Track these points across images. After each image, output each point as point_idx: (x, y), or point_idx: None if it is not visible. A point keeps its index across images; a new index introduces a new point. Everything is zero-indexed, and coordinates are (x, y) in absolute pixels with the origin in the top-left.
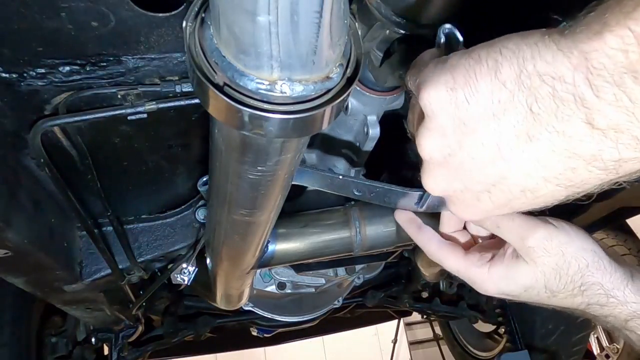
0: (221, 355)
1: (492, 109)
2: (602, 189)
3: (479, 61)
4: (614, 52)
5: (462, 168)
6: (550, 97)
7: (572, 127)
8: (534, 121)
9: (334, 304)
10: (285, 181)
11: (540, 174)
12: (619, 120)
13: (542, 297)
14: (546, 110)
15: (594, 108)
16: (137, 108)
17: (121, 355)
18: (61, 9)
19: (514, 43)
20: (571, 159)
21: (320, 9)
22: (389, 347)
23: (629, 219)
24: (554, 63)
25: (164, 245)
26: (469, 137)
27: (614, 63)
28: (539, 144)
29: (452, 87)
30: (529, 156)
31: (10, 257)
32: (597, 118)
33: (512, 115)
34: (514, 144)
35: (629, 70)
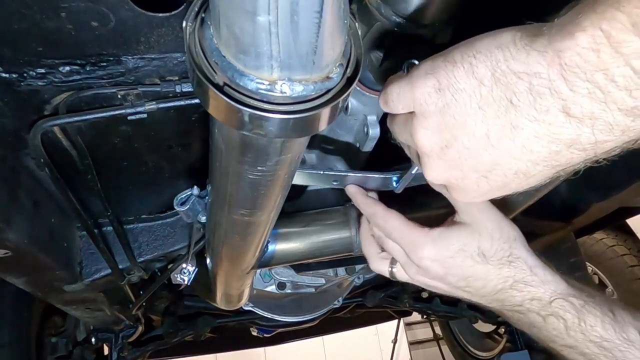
0: (221, 355)
1: (476, 103)
2: (586, 166)
3: (456, 64)
4: (586, 51)
5: (460, 158)
6: (527, 91)
7: (551, 116)
8: (516, 112)
9: (334, 304)
10: (285, 181)
11: (528, 157)
12: (593, 109)
13: (474, 267)
14: (525, 103)
15: (569, 99)
16: (137, 108)
17: (121, 355)
18: (61, 9)
19: (485, 47)
20: (553, 144)
21: (320, 9)
22: (389, 347)
23: (629, 219)
24: (529, 61)
25: (164, 245)
26: (461, 129)
27: (585, 61)
28: (523, 132)
29: (439, 88)
30: (515, 143)
31: (10, 257)
32: (572, 108)
33: (494, 107)
34: (501, 133)
35: (599, 69)
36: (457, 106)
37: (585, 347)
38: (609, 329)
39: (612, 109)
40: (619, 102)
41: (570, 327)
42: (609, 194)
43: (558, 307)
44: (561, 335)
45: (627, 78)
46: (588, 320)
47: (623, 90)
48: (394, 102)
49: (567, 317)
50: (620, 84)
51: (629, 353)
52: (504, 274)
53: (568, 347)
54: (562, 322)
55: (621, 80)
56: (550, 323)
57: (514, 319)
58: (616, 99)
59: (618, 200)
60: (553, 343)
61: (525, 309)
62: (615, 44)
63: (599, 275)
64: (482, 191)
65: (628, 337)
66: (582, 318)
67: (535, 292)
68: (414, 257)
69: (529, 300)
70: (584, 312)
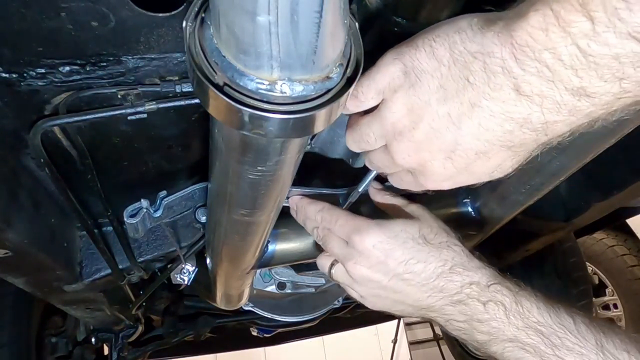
0: (221, 355)
1: (438, 82)
2: (542, 150)
3: (418, 48)
4: (535, 30)
5: (426, 138)
6: (482, 70)
7: (504, 94)
8: (473, 90)
9: (334, 304)
10: (285, 181)
11: (485, 136)
12: (542, 87)
13: (415, 247)
14: (480, 81)
15: (519, 78)
16: (137, 108)
17: (121, 355)
18: (61, 9)
19: (443, 31)
20: (507, 122)
21: (320, 9)
22: (389, 347)
23: (629, 219)
24: (484, 42)
25: (164, 245)
26: (425, 108)
27: (535, 40)
28: (480, 110)
29: (405, 71)
30: (473, 121)
31: (10, 257)
32: (523, 86)
33: (454, 85)
34: (460, 111)
35: (547, 47)
36: (422, 86)
37: (525, 335)
38: (545, 314)
39: (560, 88)
40: (565, 81)
41: (509, 312)
42: (609, 194)
43: (496, 292)
44: (502, 327)
45: (573, 57)
46: (525, 305)
47: (569, 69)
48: (363, 93)
49: (506, 301)
50: (567, 62)
51: (566, 340)
52: (443, 256)
53: (510, 341)
54: (502, 307)
55: (567, 59)
56: (491, 311)
57: (455, 318)
58: (563, 78)
59: (618, 200)
60: (495, 344)
61: (465, 296)
62: (564, 24)
63: (599, 275)
64: (448, 173)
65: (562, 322)
66: (519, 302)
67: (473, 276)
68: (357, 242)
69: (468, 284)
70: (519, 297)
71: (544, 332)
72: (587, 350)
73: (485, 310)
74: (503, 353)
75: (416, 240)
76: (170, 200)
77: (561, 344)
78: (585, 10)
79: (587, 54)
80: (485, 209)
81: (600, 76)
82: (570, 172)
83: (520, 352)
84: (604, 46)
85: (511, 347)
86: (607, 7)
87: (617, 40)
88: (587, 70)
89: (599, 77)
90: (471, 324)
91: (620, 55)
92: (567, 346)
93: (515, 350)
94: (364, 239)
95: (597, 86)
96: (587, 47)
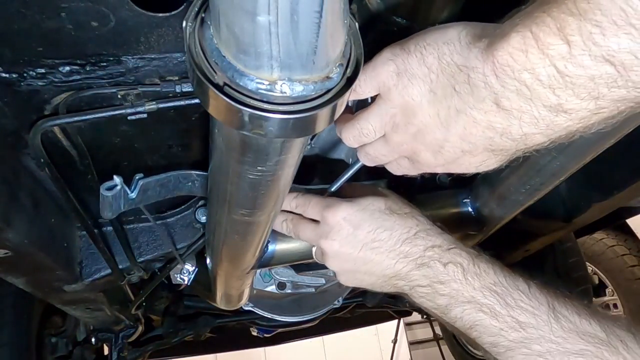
0: (221, 355)
1: (428, 86)
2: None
3: (410, 53)
4: (516, 51)
5: (419, 132)
6: (466, 82)
7: (486, 106)
8: (459, 98)
9: (334, 304)
10: (285, 181)
11: (469, 139)
12: (520, 103)
13: (382, 217)
14: (465, 91)
15: (500, 93)
16: (137, 108)
17: (121, 355)
18: (61, 9)
19: (434, 40)
20: (488, 130)
21: (320, 9)
22: (389, 347)
23: (629, 219)
24: (469, 57)
25: (164, 245)
26: (418, 108)
27: (515, 60)
28: (465, 116)
29: (397, 73)
30: (459, 125)
31: (10, 257)
32: (502, 101)
33: (442, 91)
34: (448, 114)
35: (527, 68)
36: (414, 88)
37: (482, 295)
38: (500, 276)
39: (537, 105)
40: (543, 99)
41: (467, 272)
42: (609, 193)
43: (455, 254)
44: (461, 288)
45: (551, 77)
46: (482, 267)
47: (547, 88)
48: (361, 87)
49: (464, 262)
50: (545, 82)
51: (520, 301)
52: (408, 224)
53: (468, 302)
54: (460, 268)
55: (545, 79)
56: (450, 272)
57: (420, 283)
58: (541, 96)
59: (618, 200)
60: (455, 306)
61: (427, 259)
62: (542, 46)
63: (599, 275)
64: (439, 162)
65: (518, 285)
66: (476, 264)
67: (435, 240)
68: (328, 218)
69: (431, 247)
70: (477, 260)
71: (499, 293)
72: (539, 312)
73: (446, 271)
74: (462, 317)
75: (383, 211)
76: (145, 182)
77: (515, 304)
78: (562, 34)
79: (564, 75)
80: (485, 209)
81: (577, 94)
82: (570, 172)
83: (478, 314)
84: (580, 68)
85: (469, 309)
86: (583, 32)
87: (592, 63)
88: (564, 89)
89: (575, 96)
90: (433, 287)
91: (595, 77)
92: (521, 307)
93: (473, 312)
94: (335, 214)
95: (574, 103)
96: (564, 68)
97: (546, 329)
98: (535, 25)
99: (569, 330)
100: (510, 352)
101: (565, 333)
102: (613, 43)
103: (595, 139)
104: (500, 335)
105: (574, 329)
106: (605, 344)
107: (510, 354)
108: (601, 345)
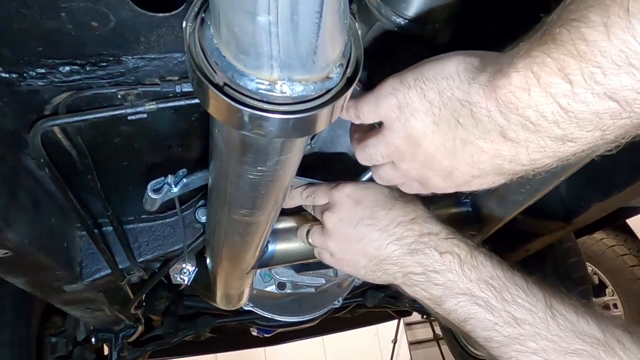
0: (221, 355)
1: (431, 119)
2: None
3: (410, 88)
4: (518, 89)
5: (427, 160)
6: (469, 116)
7: (493, 136)
8: (464, 130)
9: (334, 304)
10: (285, 181)
11: (478, 166)
12: (526, 135)
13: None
14: (470, 124)
15: (505, 127)
16: (137, 108)
17: (121, 355)
18: (61, 9)
19: (433, 75)
20: (497, 158)
21: (320, 9)
22: (389, 347)
23: (629, 219)
24: (470, 92)
25: (164, 245)
26: (423, 139)
27: (518, 99)
28: (472, 146)
29: (399, 106)
30: (466, 154)
31: (10, 257)
32: (508, 133)
33: (446, 124)
34: (454, 145)
35: (530, 106)
36: (416, 121)
37: (478, 289)
38: (498, 270)
39: (543, 137)
40: (548, 132)
41: (464, 263)
42: (609, 193)
43: (453, 244)
44: (457, 279)
45: (555, 113)
46: (479, 259)
47: (552, 123)
48: (365, 116)
49: (461, 254)
50: (549, 118)
51: (517, 297)
52: (407, 209)
53: (463, 294)
54: (457, 259)
55: (550, 115)
56: (447, 262)
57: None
58: (546, 129)
59: (618, 200)
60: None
61: (422, 245)
62: (545, 85)
63: (599, 275)
64: (449, 186)
65: (515, 280)
66: (474, 256)
67: (432, 228)
68: (334, 194)
69: (427, 234)
70: (475, 252)
71: (496, 287)
72: (536, 309)
73: (442, 260)
74: (456, 310)
75: (385, 195)
76: (189, 180)
77: (512, 299)
78: (563, 73)
79: (568, 111)
80: (485, 209)
81: (581, 127)
82: (570, 172)
83: (473, 307)
84: (583, 104)
85: (464, 302)
86: (584, 72)
87: (595, 100)
88: (568, 124)
89: (580, 128)
90: (428, 276)
91: (599, 112)
92: (518, 302)
93: (468, 305)
94: (340, 190)
95: (580, 134)
96: (567, 105)
97: (542, 326)
98: (536, 65)
99: (566, 328)
100: (504, 348)
101: (561, 331)
102: (614, 82)
103: None
104: (495, 330)
105: (570, 328)
106: (602, 344)
107: (504, 349)
108: (598, 345)
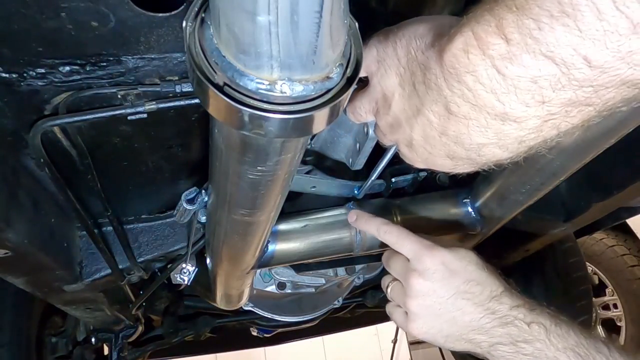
0: (221, 355)
1: (398, 80)
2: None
3: (387, 42)
4: (459, 52)
5: (395, 124)
6: (422, 82)
7: (439, 109)
8: (417, 97)
9: (334, 304)
10: (285, 181)
11: (430, 142)
12: (467, 109)
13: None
14: (422, 91)
15: (448, 97)
16: (137, 108)
17: (121, 355)
18: (61, 9)
19: (410, 31)
20: (444, 136)
21: (320, 9)
22: (389, 347)
23: (629, 219)
24: (427, 55)
25: (164, 245)
26: (392, 99)
27: (458, 63)
28: (423, 117)
29: (377, 60)
30: (419, 125)
31: (10, 257)
32: (451, 106)
33: (407, 88)
34: (411, 112)
35: (469, 70)
36: (388, 79)
37: (565, 357)
38: (582, 338)
39: (483, 112)
40: (488, 106)
41: (550, 332)
42: (609, 193)
43: (538, 315)
44: (544, 348)
45: (492, 80)
46: (563, 327)
47: (490, 92)
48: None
49: (546, 323)
50: (487, 85)
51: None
52: (496, 282)
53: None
54: (543, 328)
55: (487, 82)
56: (534, 332)
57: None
58: (485, 102)
59: (618, 200)
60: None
61: (512, 318)
62: (483, 46)
63: (599, 275)
64: (414, 158)
65: (598, 348)
66: (558, 324)
67: (519, 301)
68: (426, 260)
69: (516, 307)
70: (557, 321)
71: (581, 355)
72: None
73: (530, 331)
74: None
75: (477, 264)
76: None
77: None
78: (501, 32)
79: (506, 76)
80: (485, 209)
81: (522, 101)
82: (570, 172)
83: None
84: (520, 67)
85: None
86: (521, 28)
87: (533, 61)
88: (507, 94)
89: (520, 102)
90: (517, 346)
91: (537, 78)
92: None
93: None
94: (434, 255)
95: (521, 111)
96: (505, 69)
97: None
98: (478, 24)
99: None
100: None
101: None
102: (550, 37)
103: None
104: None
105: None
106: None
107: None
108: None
